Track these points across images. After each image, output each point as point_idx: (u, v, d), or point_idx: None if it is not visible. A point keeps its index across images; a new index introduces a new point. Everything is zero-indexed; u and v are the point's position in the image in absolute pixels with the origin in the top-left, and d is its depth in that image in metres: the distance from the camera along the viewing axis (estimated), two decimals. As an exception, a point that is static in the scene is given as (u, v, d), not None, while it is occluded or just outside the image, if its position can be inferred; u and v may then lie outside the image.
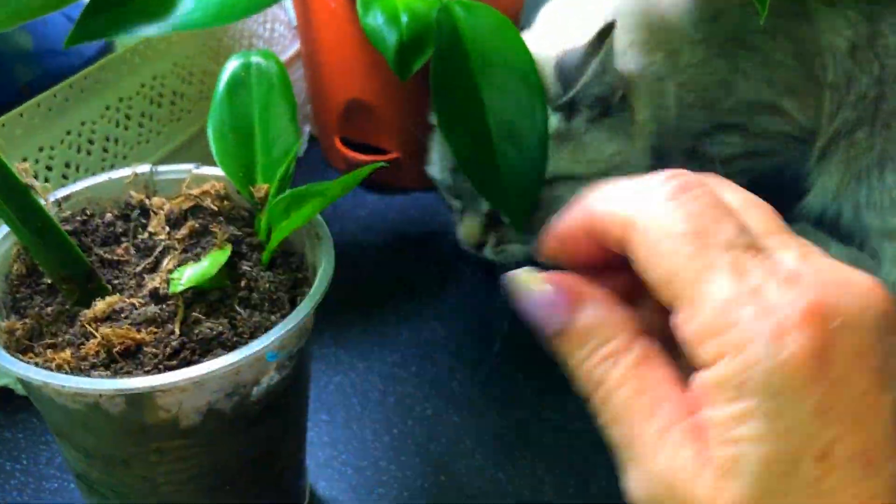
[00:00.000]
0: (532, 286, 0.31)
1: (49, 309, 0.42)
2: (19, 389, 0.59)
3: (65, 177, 0.59)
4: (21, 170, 0.43)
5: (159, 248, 0.46)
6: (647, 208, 0.28)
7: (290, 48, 0.82)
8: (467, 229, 0.65)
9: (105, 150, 0.62)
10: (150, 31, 0.48)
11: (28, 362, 0.39)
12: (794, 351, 0.25)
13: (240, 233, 0.46)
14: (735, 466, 0.26)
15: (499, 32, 0.60)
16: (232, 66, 0.49)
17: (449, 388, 0.62)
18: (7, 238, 0.44)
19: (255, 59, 0.49)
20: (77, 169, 0.60)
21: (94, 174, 0.61)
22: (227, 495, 0.44)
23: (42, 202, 0.45)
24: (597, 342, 0.29)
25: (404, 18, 0.62)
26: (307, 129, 0.85)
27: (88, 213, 0.47)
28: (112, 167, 0.63)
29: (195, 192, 0.48)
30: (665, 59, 0.63)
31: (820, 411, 0.25)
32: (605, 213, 0.29)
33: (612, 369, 0.28)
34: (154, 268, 0.46)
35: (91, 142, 0.61)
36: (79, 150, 0.60)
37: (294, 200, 0.45)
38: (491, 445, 0.58)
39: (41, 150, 0.58)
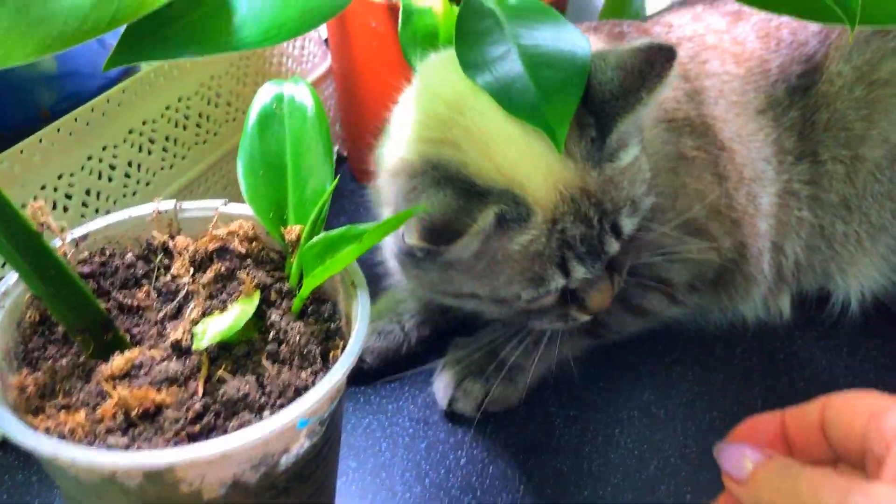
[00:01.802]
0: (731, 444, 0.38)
1: (63, 361, 0.39)
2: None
3: (85, 204, 0.56)
4: (36, 209, 0.40)
5: (182, 293, 0.43)
6: None
7: (320, 66, 0.78)
8: (604, 296, 0.52)
9: (127, 176, 0.59)
10: (196, 53, 0.45)
11: (38, 427, 0.35)
12: None
13: (269, 279, 0.43)
14: None
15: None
16: (263, 97, 0.46)
17: (483, 434, 0.59)
18: (20, 282, 0.41)
19: (287, 89, 0.46)
20: (98, 196, 0.57)
21: (115, 202, 0.58)
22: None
23: (58, 242, 0.43)
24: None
25: (442, 36, 0.60)
26: (335, 147, 0.82)
27: (108, 253, 0.44)
28: (134, 194, 0.60)
29: (222, 232, 0.44)
30: None
31: None
32: (870, 425, 0.35)
33: None
34: (177, 314, 0.43)
35: (113, 167, 0.58)
36: (100, 177, 0.57)
37: (329, 246, 0.41)
38: (531, 498, 0.54)
39: (60, 177, 0.55)
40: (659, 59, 0.47)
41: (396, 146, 0.50)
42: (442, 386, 0.60)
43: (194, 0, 0.47)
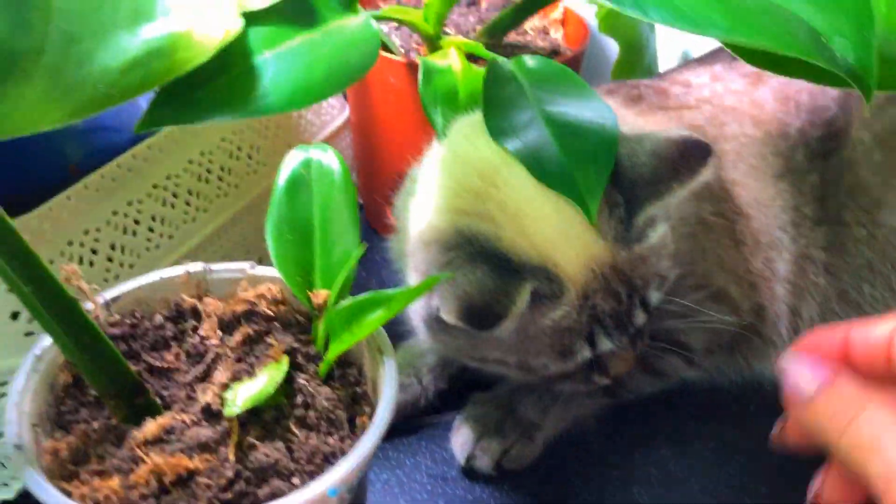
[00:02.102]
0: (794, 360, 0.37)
1: (95, 424, 0.40)
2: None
3: (110, 259, 0.57)
4: (70, 273, 0.41)
5: (211, 356, 0.44)
6: None
7: (338, 118, 0.80)
8: (626, 362, 0.53)
9: (151, 230, 0.60)
10: (225, 117, 0.46)
11: (73, 494, 0.36)
12: None
13: (296, 342, 0.44)
14: None
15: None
16: (292, 162, 0.47)
17: (502, 492, 0.59)
18: (54, 346, 0.42)
19: (315, 154, 0.47)
20: (123, 250, 0.58)
21: (139, 255, 0.59)
22: None
23: (90, 305, 0.43)
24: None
25: (461, 95, 0.61)
26: None
27: (138, 315, 0.45)
28: (157, 247, 0.61)
29: (250, 294, 0.45)
30: None
31: None
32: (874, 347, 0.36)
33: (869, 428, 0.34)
34: (205, 377, 0.43)
35: (137, 222, 0.59)
36: (125, 231, 0.58)
37: (356, 311, 0.42)
38: (548, 559, 0.54)
39: (87, 232, 0.56)
40: (695, 154, 0.48)
41: (425, 211, 0.51)
42: (460, 442, 0.60)
43: (222, 65, 0.48)
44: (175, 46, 0.37)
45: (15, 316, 0.52)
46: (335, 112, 0.80)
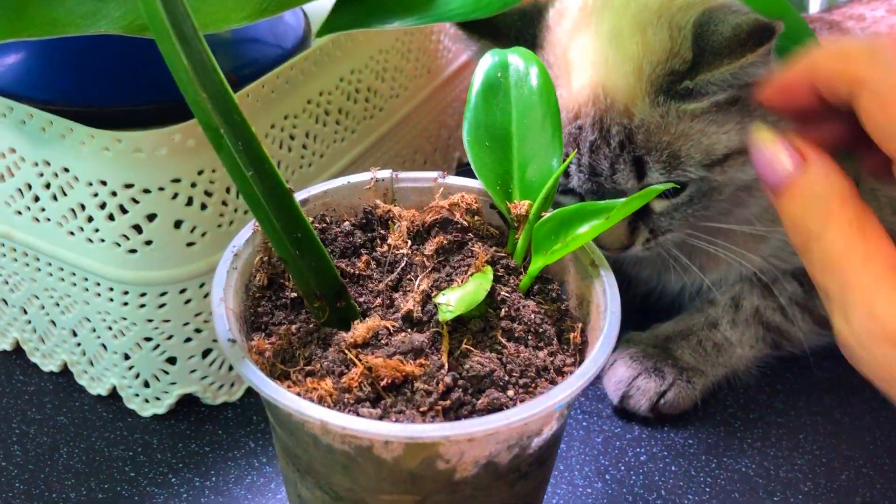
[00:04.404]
0: (767, 143, 0.36)
1: (294, 327, 0.38)
2: (206, 398, 0.56)
3: (266, 174, 0.55)
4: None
5: (402, 264, 0.41)
6: (880, 69, 0.32)
7: (473, 45, 0.77)
8: (612, 231, 0.53)
9: (304, 147, 0.58)
10: (407, 22, 0.43)
11: (288, 391, 0.34)
12: None
13: (499, 253, 0.41)
14: None
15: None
16: (486, 65, 0.44)
17: (661, 432, 0.56)
18: (249, 244, 0.40)
19: (512, 58, 0.44)
20: (279, 165, 0.56)
21: (293, 172, 0.57)
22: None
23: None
24: (817, 198, 0.33)
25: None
26: (457, 154, 0.80)
27: (328, 220, 0.43)
28: (310, 165, 0.59)
29: (444, 204, 0.43)
30: None
31: None
32: (836, 69, 0.34)
33: (831, 222, 0.33)
34: (396, 286, 0.41)
35: (292, 137, 0.57)
36: (280, 146, 0.56)
37: (563, 223, 0.40)
38: (719, 501, 0.52)
39: (246, 143, 0.54)
40: (761, 33, 0.47)
41: None
42: (614, 381, 0.57)
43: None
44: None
45: (178, 225, 0.50)
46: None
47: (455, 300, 0.37)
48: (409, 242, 0.42)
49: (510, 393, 0.36)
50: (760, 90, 0.39)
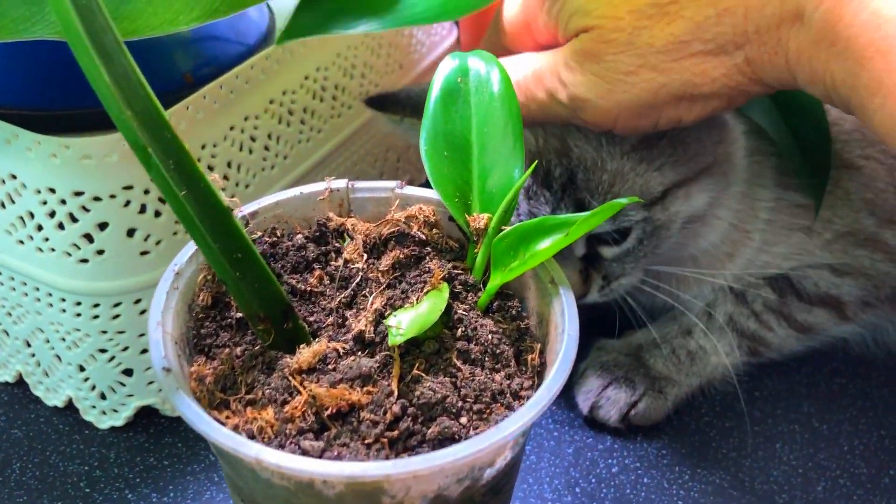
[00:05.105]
0: None
1: (238, 350, 0.36)
2: (165, 410, 0.54)
3: (226, 177, 0.53)
4: (211, 182, 0.37)
5: (356, 280, 0.40)
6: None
7: (448, 38, 0.75)
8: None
9: (266, 149, 0.56)
10: (371, 26, 0.41)
11: (225, 424, 0.32)
12: None
13: (453, 270, 0.39)
14: None
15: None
16: (445, 70, 0.42)
17: (633, 442, 0.55)
18: (192, 261, 0.38)
19: (472, 62, 0.42)
20: (239, 168, 0.54)
21: (254, 175, 0.55)
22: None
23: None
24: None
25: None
26: None
27: (278, 233, 0.41)
28: (273, 167, 0.57)
29: (400, 216, 0.41)
30: None
31: None
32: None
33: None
34: (351, 303, 0.39)
35: (253, 139, 0.55)
36: (241, 148, 0.54)
37: (525, 237, 0.38)
38: None
39: (203, 147, 0.52)
40: None
41: None
42: (584, 390, 0.56)
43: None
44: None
45: (131, 233, 0.48)
46: (444, 33, 0.75)
47: (407, 322, 0.35)
48: (365, 256, 0.41)
49: (463, 420, 0.34)
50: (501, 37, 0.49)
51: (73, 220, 0.47)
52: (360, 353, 0.36)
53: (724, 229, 0.54)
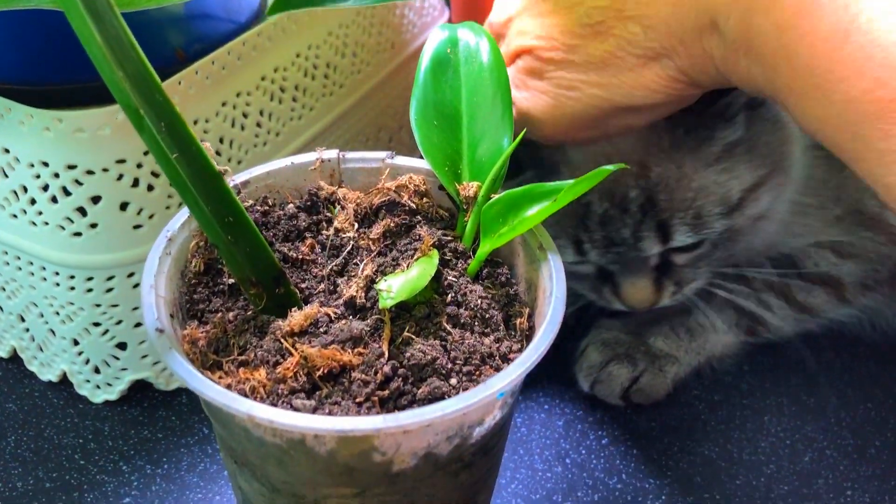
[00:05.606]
0: None
1: (230, 315, 0.37)
2: (159, 383, 0.54)
3: (218, 153, 0.54)
4: (205, 149, 0.37)
5: (347, 248, 0.40)
6: None
7: (439, 19, 0.75)
8: (639, 293, 0.52)
9: (258, 126, 0.56)
10: (359, 0, 0.42)
11: (219, 384, 0.33)
12: None
13: (443, 237, 0.40)
14: None
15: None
16: (435, 40, 0.42)
17: (623, 415, 0.55)
18: (184, 228, 0.38)
19: (462, 33, 0.43)
20: (231, 144, 0.54)
21: (247, 151, 0.56)
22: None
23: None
24: None
25: None
26: None
27: (270, 202, 0.41)
28: (265, 144, 0.57)
29: (390, 185, 0.41)
30: None
31: None
32: None
33: None
34: (342, 270, 0.40)
35: (245, 115, 0.55)
36: (233, 124, 0.54)
37: (512, 205, 0.38)
38: (681, 484, 0.51)
39: (195, 122, 0.52)
40: None
41: None
42: (585, 366, 0.56)
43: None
44: None
45: (124, 207, 0.49)
46: (435, 13, 0.75)
47: (397, 287, 0.36)
48: (356, 225, 0.41)
49: (453, 381, 0.35)
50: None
51: (67, 193, 0.47)
52: (351, 317, 0.36)
53: (778, 223, 0.54)
